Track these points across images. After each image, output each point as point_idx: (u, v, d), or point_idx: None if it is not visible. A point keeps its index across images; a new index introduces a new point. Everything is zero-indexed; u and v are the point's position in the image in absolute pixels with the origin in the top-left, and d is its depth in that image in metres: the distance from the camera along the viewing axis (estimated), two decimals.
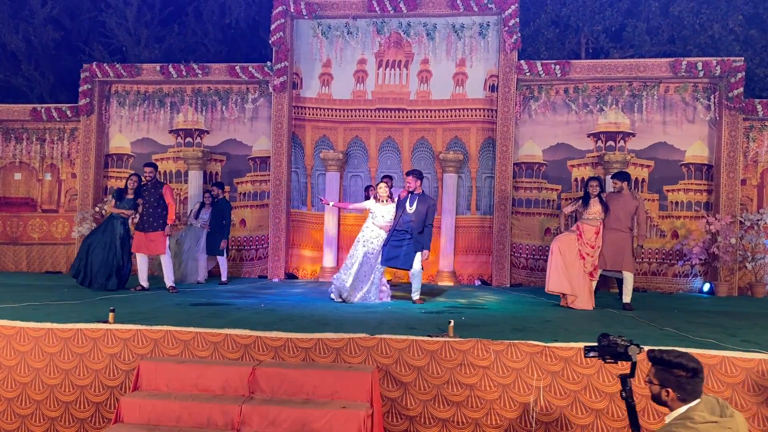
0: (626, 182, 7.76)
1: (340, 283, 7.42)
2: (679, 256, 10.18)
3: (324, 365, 4.71)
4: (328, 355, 4.80)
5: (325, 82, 11.07)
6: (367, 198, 9.20)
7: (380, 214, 7.54)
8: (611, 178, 7.94)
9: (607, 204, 7.51)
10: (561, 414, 4.54)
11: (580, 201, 7.61)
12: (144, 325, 5.11)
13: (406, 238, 7.38)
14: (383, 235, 7.51)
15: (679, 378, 2.93)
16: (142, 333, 5.01)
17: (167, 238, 8.39)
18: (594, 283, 7.55)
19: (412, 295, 7.63)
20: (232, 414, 4.23)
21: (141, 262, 8.39)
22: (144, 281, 8.36)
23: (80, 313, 5.85)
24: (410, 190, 7.54)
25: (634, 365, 3.11)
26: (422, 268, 7.64)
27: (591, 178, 7.81)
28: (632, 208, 7.54)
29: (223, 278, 9.72)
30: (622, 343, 3.09)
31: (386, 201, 7.62)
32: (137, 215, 8.48)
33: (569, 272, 7.35)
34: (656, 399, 3.01)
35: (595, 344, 3.20)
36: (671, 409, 2.93)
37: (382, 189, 7.64)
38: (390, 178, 9.15)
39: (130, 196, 8.41)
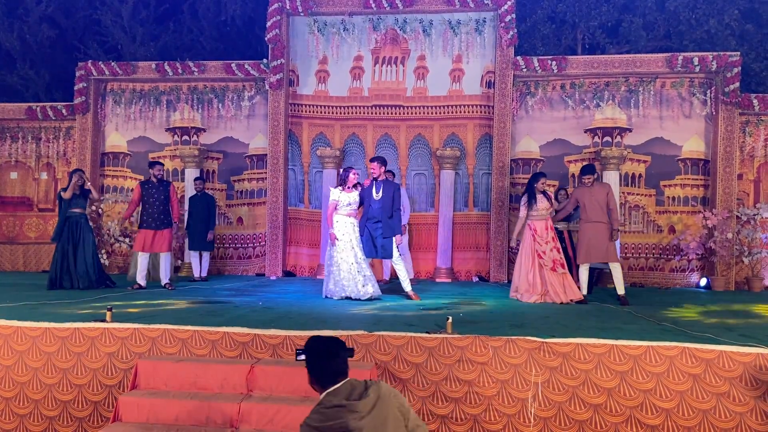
0: (596, 175, 7.93)
1: (340, 288, 7.35)
2: (676, 251, 10.20)
3: None
4: None
5: (321, 79, 11.05)
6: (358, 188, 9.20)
7: (346, 202, 7.45)
8: (582, 175, 7.90)
9: (551, 199, 7.95)
10: (559, 409, 4.55)
11: (526, 201, 7.85)
12: (142, 323, 5.10)
13: (379, 227, 7.47)
14: (354, 221, 7.52)
15: (311, 364, 2.91)
16: (140, 332, 5.00)
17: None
18: (567, 273, 7.68)
19: (404, 287, 7.61)
20: (230, 412, 4.23)
21: (142, 260, 8.38)
22: (142, 280, 8.35)
23: (77, 312, 5.84)
24: (374, 177, 7.65)
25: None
26: (401, 255, 7.68)
27: (535, 175, 8.05)
28: (603, 197, 7.63)
29: (204, 273, 9.77)
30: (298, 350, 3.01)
31: (351, 188, 7.55)
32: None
33: (533, 274, 7.69)
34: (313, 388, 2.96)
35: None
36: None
37: (353, 176, 7.54)
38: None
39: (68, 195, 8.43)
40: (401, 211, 7.86)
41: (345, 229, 7.41)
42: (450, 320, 4.94)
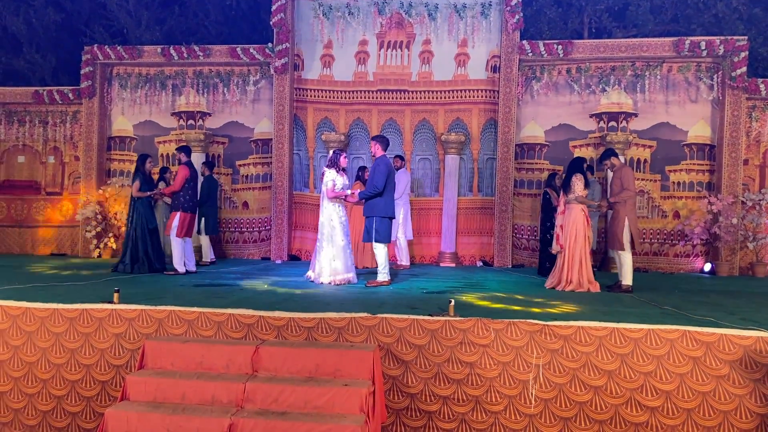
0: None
1: (338, 273, 7.21)
2: (681, 236, 10.20)
3: (326, 344, 4.77)
4: (330, 334, 4.87)
5: (326, 64, 11.04)
6: (359, 178, 9.24)
7: (340, 186, 7.27)
8: (602, 161, 7.47)
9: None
10: (560, 391, 4.60)
11: (583, 182, 7.25)
12: (149, 305, 5.17)
13: (368, 209, 7.19)
14: (342, 207, 7.31)
15: None
16: (147, 313, 5.08)
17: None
18: (560, 259, 7.29)
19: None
20: (236, 391, 4.31)
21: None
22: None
23: (85, 294, 5.92)
24: (372, 154, 7.46)
25: None
26: (382, 241, 7.11)
27: (582, 159, 7.61)
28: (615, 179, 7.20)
29: (212, 256, 9.92)
30: None
31: (342, 171, 7.41)
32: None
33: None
34: None
35: None
36: None
37: (343, 159, 7.36)
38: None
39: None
40: (377, 187, 7.11)
41: (332, 214, 7.23)
42: (453, 303, 4.98)
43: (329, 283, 7.15)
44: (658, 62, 10.26)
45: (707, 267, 9.99)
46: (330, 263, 7.21)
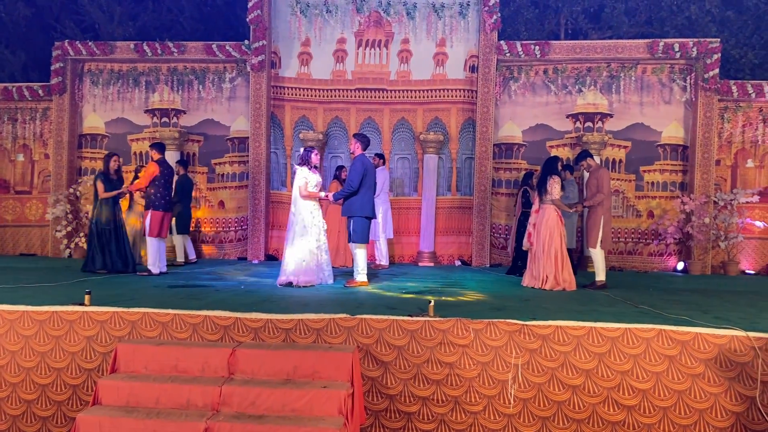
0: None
1: (313, 274, 6.98)
2: (655, 235, 10.35)
3: (304, 346, 4.71)
4: (309, 336, 4.81)
5: (304, 62, 10.95)
6: (336, 177, 9.18)
7: (313, 183, 7.05)
8: (578, 162, 7.65)
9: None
10: (539, 390, 4.61)
11: (560, 184, 7.39)
12: (121, 307, 5.05)
13: (346, 209, 7.08)
14: (316, 205, 7.09)
15: None
16: (119, 315, 4.96)
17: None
18: (531, 257, 7.39)
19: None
20: (211, 395, 4.22)
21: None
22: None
23: (56, 295, 5.77)
24: (351, 152, 7.34)
25: None
26: (358, 241, 7.04)
27: (557, 158, 7.63)
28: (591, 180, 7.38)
29: (193, 256, 9.84)
30: None
31: (314, 169, 7.17)
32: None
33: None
34: None
35: None
36: None
37: (314, 156, 7.15)
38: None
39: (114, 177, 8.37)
40: (352, 186, 7.04)
41: (303, 213, 6.98)
42: (432, 303, 4.96)
43: (288, 283, 6.86)
44: (632, 63, 10.39)
45: (680, 266, 10.15)
46: (295, 262, 6.89)
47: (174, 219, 9.47)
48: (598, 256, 7.30)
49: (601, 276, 7.29)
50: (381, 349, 4.74)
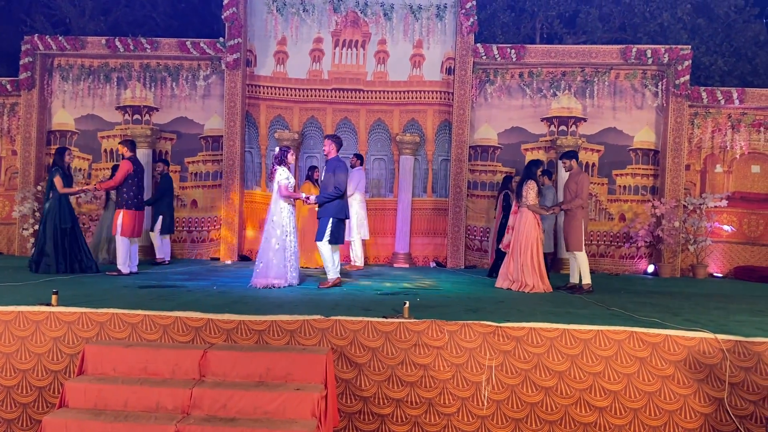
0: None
1: (284, 274, 6.90)
2: (626, 238, 10.51)
3: (277, 347, 4.65)
4: (282, 337, 4.75)
5: (280, 61, 10.86)
6: (309, 178, 9.16)
7: (292, 184, 7.00)
8: (563, 158, 7.71)
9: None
10: (512, 392, 4.63)
11: (536, 189, 7.46)
12: (89, 307, 4.93)
13: (322, 210, 7.01)
14: (291, 207, 7.00)
15: None
16: (87, 316, 4.84)
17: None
18: (508, 259, 7.47)
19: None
20: (182, 397, 4.14)
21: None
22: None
23: (22, 295, 5.61)
24: (325, 154, 7.26)
25: None
26: (334, 242, 6.97)
27: (538, 162, 7.74)
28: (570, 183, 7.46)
29: (168, 258, 9.70)
30: None
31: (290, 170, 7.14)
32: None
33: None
34: None
35: None
36: None
37: (291, 156, 7.08)
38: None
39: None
40: (337, 191, 6.96)
41: (283, 213, 6.89)
42: (407, 305, 4.95)
43: (263, 285, 6.76)
44: (606, 69, 10.53)
45: (651, 268, 10.31)
46: (267, 262, 6.80)
47: (161, 218, 9.41)
48: (583, 259, 7.35)
49: (587, 279, 7.34)
50: (355, 350, 4.71)
